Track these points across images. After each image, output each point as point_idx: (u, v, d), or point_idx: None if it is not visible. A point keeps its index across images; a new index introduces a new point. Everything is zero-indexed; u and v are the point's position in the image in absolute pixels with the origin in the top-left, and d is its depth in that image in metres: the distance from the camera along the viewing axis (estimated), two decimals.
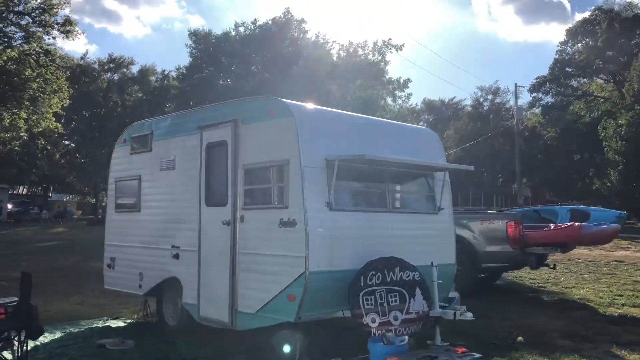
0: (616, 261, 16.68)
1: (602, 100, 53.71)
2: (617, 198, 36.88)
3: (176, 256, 7.38)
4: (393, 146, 6.88)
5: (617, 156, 33.54)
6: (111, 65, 63.15)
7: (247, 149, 6.53)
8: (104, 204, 69.96)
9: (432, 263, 6.15)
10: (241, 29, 51.16)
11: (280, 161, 6.07)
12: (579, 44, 54.89)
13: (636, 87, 33.04)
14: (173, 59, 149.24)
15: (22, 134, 28.01)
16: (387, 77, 39.83)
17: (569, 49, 55.80)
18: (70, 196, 71.01)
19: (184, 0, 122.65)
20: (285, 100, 6.34)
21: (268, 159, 6.26)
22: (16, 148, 30.53)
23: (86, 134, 52.74)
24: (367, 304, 5.73)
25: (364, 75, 36.82)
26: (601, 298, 10.68)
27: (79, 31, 30.66)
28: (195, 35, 50.28)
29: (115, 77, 64.57)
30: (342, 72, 37.68)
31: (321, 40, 49.37)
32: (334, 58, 40.81)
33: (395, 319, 5.71)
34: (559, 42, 55.20)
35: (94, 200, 71.43)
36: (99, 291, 11.23)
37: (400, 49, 38.16)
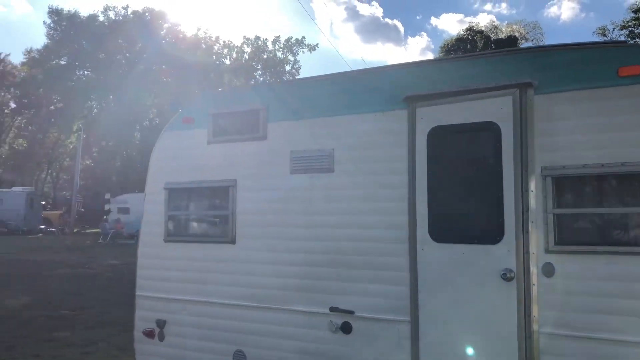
0: None
1: None
2: None
3: (345, 328, 4.09)
4: None
5: None
6: None
7: (556, 139, 3.54)
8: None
9: None
10: (111, 14, 45.13)
11: None
12: None
13: None
14: None
15: None
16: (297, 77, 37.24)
17: None
18: None
19: None
20: None
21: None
22: None
23: None
24: None
25: (268, 72, 33.85)
26: None
27: None
28: (56, 14, 43.04)
29: None
30: (243, 67, 34.26)
31: (203, 34, 45.45)
32: (240, 51, 37.18)
33: None
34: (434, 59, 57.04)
35: None
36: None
37: (314, 49, 35.74)
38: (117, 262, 18.96)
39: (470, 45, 53.84)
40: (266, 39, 36.20)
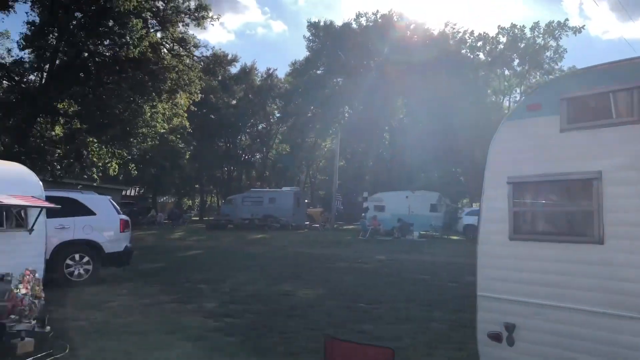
0: None
1: None
2: None
3: None
4: None
5: None
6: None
7: None
8: (212, 204, 68.22)
9: None
10: (362, 20, 47.45)
11: None
12: None
13: None
14: (259, 63, 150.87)
15: (162, 130, 25.14)
16: (558, 66, 34.40)
17: None
18: (169, 198, 69.40)
19: (267, 7, 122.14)
20: None
21: None
22: (151, 143, 27.52)
23: (200, 136, 50.66)
24: None
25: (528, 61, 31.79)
26: None
27: (214, 17, 27.63)
28: (314, 27, 46.89)
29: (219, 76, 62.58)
30: (500, 58, 32.76)
31: (451, 30, 44.78)
32: (495, 42, 35.73)
33: None
34: None
35: (190, 201, 70.03)
36: None
37: (580, 32, 32.70)
38: (384, 258, 19.60)
39: None
40: (523, 26, 34.07)
